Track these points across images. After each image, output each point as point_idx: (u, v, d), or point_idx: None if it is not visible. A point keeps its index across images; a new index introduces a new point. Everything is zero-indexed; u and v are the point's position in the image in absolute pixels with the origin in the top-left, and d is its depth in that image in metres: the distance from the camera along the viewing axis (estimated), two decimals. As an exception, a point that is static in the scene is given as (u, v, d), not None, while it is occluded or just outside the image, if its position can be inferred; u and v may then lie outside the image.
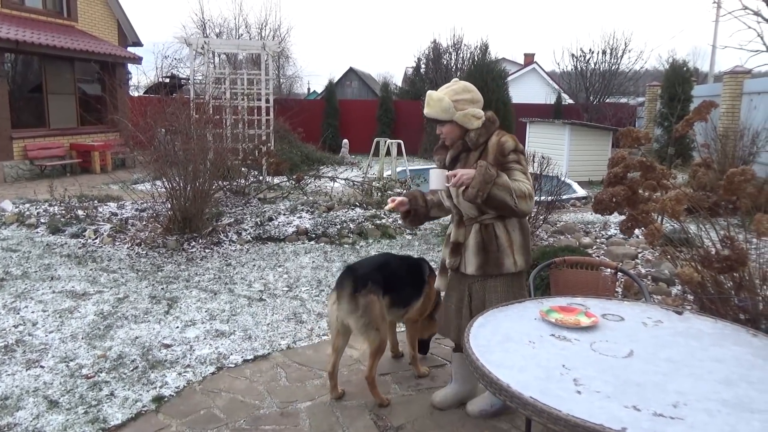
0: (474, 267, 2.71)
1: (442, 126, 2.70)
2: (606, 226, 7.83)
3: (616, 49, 17.17)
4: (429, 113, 2.69)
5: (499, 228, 2.70)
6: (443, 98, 2.63)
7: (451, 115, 2.63)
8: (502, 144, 2.64)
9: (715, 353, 1.87)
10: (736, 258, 3.43)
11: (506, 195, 2.47)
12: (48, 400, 3.09)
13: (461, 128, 2.68)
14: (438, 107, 2.64)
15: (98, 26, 15.20)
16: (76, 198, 8.47)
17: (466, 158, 2.70)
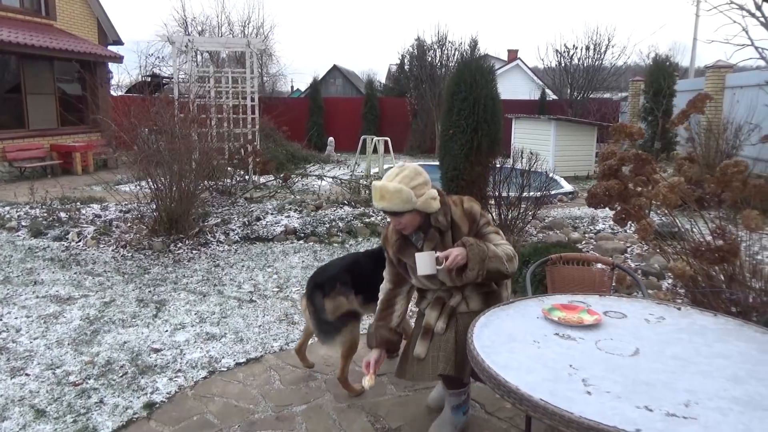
0: (479, 303, 2.53)
1: (400, 217, 2.44)
2: (594, 221, 7.86)
3: (600, 45, 17.28)
4: (387, 207, 2.39)
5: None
6: (402, 188, 2.36)
7: (413, 204, 2.40)
8: (470, 211, 2.54)
9: (720, 349, 1.85)
10: (728, 249, 3.44)
11: (500, 264, 2.40)
12: (35, 409, 2.99)
13: (422, 214, 2.48)
14: (398, 199, 2.36)
15: (77, 25, 14.93)
16: (58, 200, 8.31)
17: (441, 242, 2.51)
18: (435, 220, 2.50)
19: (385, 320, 2.70)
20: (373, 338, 2.67)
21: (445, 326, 2.51)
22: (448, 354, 2.41)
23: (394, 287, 2.74)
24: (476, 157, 6.86)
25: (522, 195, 6.90)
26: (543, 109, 19.08)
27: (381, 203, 2.41)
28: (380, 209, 2.47)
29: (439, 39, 18.47)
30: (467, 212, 2.53)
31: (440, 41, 18.34)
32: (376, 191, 2.43)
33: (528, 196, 7.00)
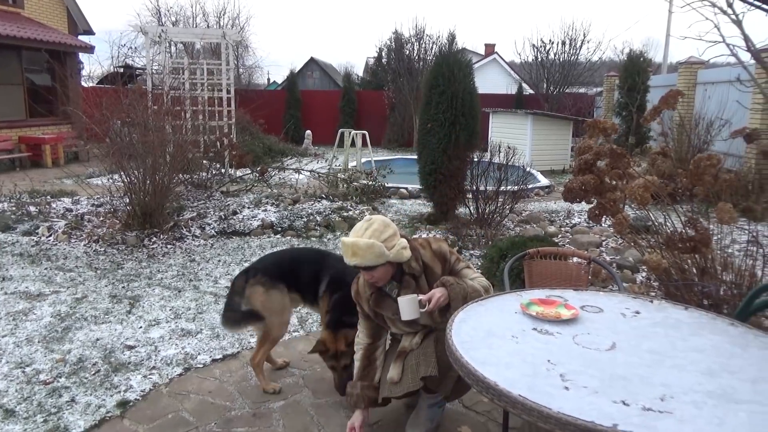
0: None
1: (373, 271, 2.40)
2: (570, 215, 7.95)
3: (575, 40, 17.45)
4: (360, 263, 2.35)
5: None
6: (373, 243, 2.33)
7: (386, 257, 2.37)
8: (439, 251, 2.54)
9: (695, 343, 1.88)
10: (699, 239, 3.50)
11: (478, 296, 2.37)
12: (3, 409, 2.91)
13: (394, 265, 2.46)
14: (370, 255, 2.33)
15: (46, 13, 14.53)
16: (27, 193, 8.10)
17: (417, 286, 2.48)
18: (408, 267, 2.47)
19: (369, 379, 2.64)
20: (361, 400, 2.59)
21: (420, 341, 2.52)
22: (428, 356, 2.41)
23: (373, 341, 2.68)
24: (454, 151, 6.88)
25: (499, 189, 6.95)
26: (520, 103, 19.22)
27: (354, 260, 2.36)
28: (353, 266, 2.41)
29: (416, 32, 18.46)
30: (437, 253, 2.53)
31: (418, 35, 18.33)
32: (347, 248, 2.38)
33: (505, 190, 7.05)
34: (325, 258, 3.17)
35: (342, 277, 2.92)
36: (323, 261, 3.12)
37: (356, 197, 8.17)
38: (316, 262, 3.11)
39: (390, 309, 2.49)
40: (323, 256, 3.23)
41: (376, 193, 8.63)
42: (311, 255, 3.32)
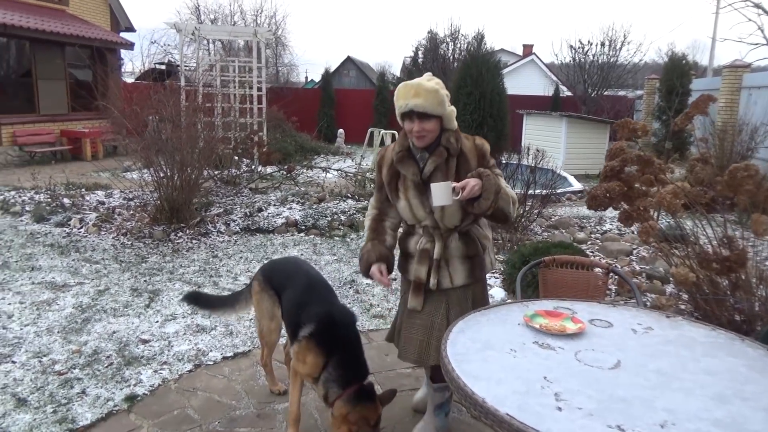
0: (463, 277, 2.44)
1: (427, 122, 2.28)
2: (601, 221, 7.72)
3: (615, 41, 17.01)
4: (419, 105, 2.24)
5: (476, 231, 2.51)
6: (438, 89, 2.26)
7: (444, 110, 2.30)
8: (481, 148, 2.42)
9: (708, 365, 1.76)
10: (735, 259, 3.33)
11: (507, 205, 2.32)
12: (16, 398, 2.97)
13: (440, 128, 2.35)
14: (434, 99, 2.25)
15: (90, 11, 14.96)
16: (63, 186, 8.33)
17: (446, 168, 2.37)
18: (446, 140, 2.36)
19: (380, 237, 2.52)
20: (373, 254, 2.46)
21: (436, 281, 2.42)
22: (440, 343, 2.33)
23: (380, 213, 2.57)
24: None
25: (527, 192, 6.79)
26: (556, 105, 18.86)
27: (414, 100, 2.24)
28: (408, 109, 2.27)
29: (452, 32, 18.30)
30: (478, 147, 2.42)
31: (453, 34, 18.17)
32: (409, 89, 2.27)
33: (534, 194, 6.89)
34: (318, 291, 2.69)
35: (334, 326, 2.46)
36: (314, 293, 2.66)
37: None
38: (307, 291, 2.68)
39: (410, 171, 2.39)
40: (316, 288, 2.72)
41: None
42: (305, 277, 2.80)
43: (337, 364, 2.38)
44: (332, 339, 2.41)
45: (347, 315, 2.52)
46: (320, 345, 2.40)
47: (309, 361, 2.41)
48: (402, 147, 2.42)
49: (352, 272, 5.24)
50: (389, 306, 4.45)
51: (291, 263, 2.96)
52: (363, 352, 2.46)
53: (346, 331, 2.45)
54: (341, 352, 2.39)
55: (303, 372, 2.46)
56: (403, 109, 2.30)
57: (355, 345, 2.44)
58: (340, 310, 2.55)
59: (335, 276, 5.12)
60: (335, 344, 2.40)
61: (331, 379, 2.37)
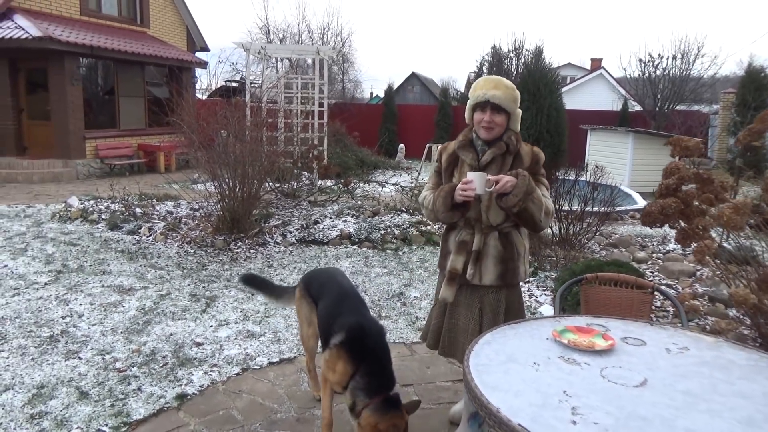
0: (493, 277, 2.57)
1: (498, 115, 2.51)
2: (665, 241, 7.42)
3: (688, 54, 16.32)
4: (496, 97, 2.47)
5: (515, 235, 2.64)
6: (515, 88, 2.54)
7: (515, 107, 2.57)
8: (537, 154, 2.61)
9: (743, 388, 1.69)
10: (794, 282, 3.15)
11: (537, 211, 2.46)
12: (79, 391, 3.20)
13: (507, 126, 2.58)
14: (511, 95, 2.53)
15: (168, 32, 15.90)
16: (136, 196, 8.86)
17: (502, 161, 2.57)
18: (507, 137, 2.56)
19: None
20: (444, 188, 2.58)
21: (473, 272, 2.57)
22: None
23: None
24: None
25: (585, 209, 6.63)
26: (624, 120, 18.26)
27: (493, 92, 2.48)
28: (486, 99, 2.49)
29: (515, 47, 18.15)
30: (534, 153, 2.61)
31: (517, 49, 18.01)
32: (489, 81, 2.53)
33: (593, 211, 6.72)
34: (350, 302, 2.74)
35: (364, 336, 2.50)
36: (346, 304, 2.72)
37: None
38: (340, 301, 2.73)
39: (469, 156, 2.60)
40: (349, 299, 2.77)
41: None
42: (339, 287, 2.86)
43: (365, 373, 2.42)
44: (361, 349, 2.45)
45: (376, 326, 2.57)
46: (349, 354, 2.45)
47: (338, 369, 2.47)
48: (465, 137, 2.66)
49: (401, 285, 5.29)
50: (435, 319, 4.46)
51: (328, 273, 3.05)
52: (390, 363, 2.49)
53: (375, 341, 2.49)
54: (369, 361, 2.43)
55: (332, 380, 2.52)
56: (480, 99, 2.52)
57: (384, 356, 2.48)
58: (370, 321, 2.61)
59: (384, 288, 5.19)
60: (364, 354, 2.45)
61: (358, 388, 2.41)
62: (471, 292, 2.62)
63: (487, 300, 2.59)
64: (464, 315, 2.63)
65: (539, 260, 6.05)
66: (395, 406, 2.35)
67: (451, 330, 2.69)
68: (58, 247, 6.30)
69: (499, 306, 2.57)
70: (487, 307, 2.58)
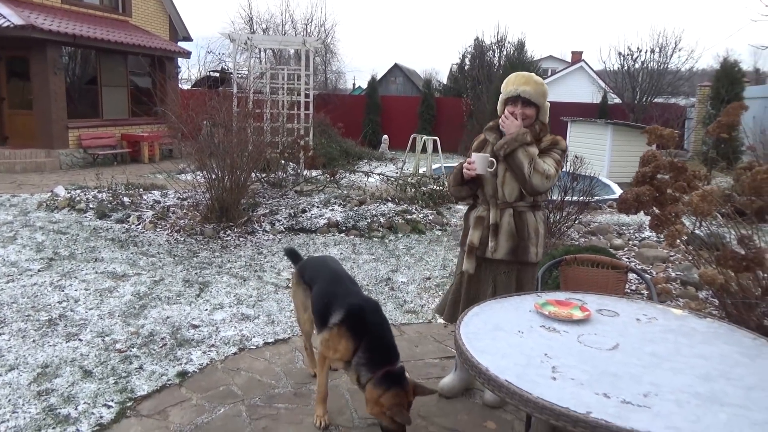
0: (505, 251, 2.81)
1: (528, 108, 2.77)
2: (641, 229, 7.70)
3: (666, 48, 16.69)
4: (527, 92, 2.73)
5: (530, 216, 2.85)
6: (544, 83, 2.78)
7: (544, 101, 2.79)
8: (557, 140, 2.84)
9: (702, 350, 1.90)
10: (752, 258, 3.39)
11: (525, 161, 2.69)
12: (83, 370, 3.33)
13: (535, 118, 2.81)
14: (540, 90, 2.76)
15: (151, 21, 15.80)
16: (123, 186, 8.90)
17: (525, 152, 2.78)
18: (533, 128, 2.78)
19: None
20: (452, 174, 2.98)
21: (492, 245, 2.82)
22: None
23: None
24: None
25: (565, 198, 6.87)
26: (604, 112, 18.62)
27: (524, 87, 2.73)
28: (517, 93, 2.74)
29: (498, 40, 18.35)
30: (553, 140, 2.82)
31: (499, 42, 18.22)
32: (520, 77, 2.77)
33: (573, 200, 6.96)
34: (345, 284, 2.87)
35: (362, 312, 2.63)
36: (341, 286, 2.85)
37: (423, 201, 8.33)
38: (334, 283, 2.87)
39: (493, 137, 2.87)
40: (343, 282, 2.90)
41: (444, 198, 8.75)
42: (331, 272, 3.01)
43: (366, 349, 2.55)
44: (361, 325, 2.59)
45: (373, 303, 2.72)
46: (350, 331, 2.59)
47: (340, 347, 2.60)
48: (495, 123, 2.91)
49: (389, 271, 5.47)
50: (422, 303, 4.66)
51: (321, 261, 3.19)
52: (391, 336, 2.63)
53: (374, 317, 2.63)
54: (370, 337, 2.57)
55: (334, 357, 2.66)
56: (511, 94, 2.78)
57: (383, 330, 2.62)
58: (366, 299, 2.77)
59: (372, 274, 5.36)
60: (364, 330, 2.58)
61: (361, 363, 2.55)
62: (486, 268, 2.88)
63: (500, 278, 2.85)
64: (482, 290, 2.89)
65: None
66: (397, 381, 2.46)
67: (470, 302, 2.84)
68: (47, 236, 6.35)
69: (510, 283, 2.82)
70: (500, 284, 2.84)
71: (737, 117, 3.92)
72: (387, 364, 2.51)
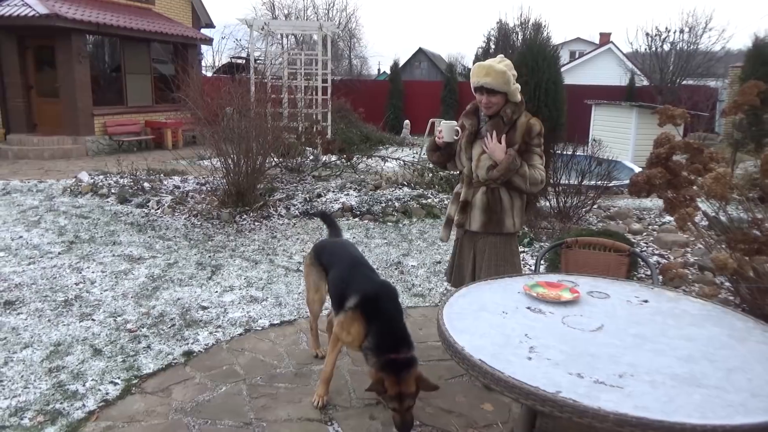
0: (478, 224, 2.97)
1: (493, 96, 2.84)
2: (663, 213, 7.53)
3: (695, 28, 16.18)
4: (489, 83, 2.80)
5: (503, 192, 2.96)
6: (506, 71, 2.80)
7: (509, 87, 2.83)
8: (531, 126, 2.89)
9: (690, 332, 1.87)
10: (765, 240, 3.30)
11: (522, 183, 2.87)
12: (93, 349, 3.43)
13: (506, 101, 2.88)
14: (501, 79, 2.79)
15: (173, 9, 15.94)
16: (144, 171, 9.06)
17: (498, 134, 2.89)
18: (503, 112, 2.89)
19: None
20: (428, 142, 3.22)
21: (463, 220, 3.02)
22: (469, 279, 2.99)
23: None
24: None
25: (582, 182, 6.76)
26: (631, 95, 18.18)
27: (485, 79, 2.80)
28: (480, 85, 2.83)
29: (521, 22, 18.03)
30: (528, 125, 2.89)
31: (522, 24, 17.90)
32: (481, 68, 2.81)
33: (592, 184, 6.84)
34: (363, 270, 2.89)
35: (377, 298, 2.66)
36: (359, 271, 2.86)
37: (440, 186, 8.30)
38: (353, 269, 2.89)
39: (469, 123, 3.00)
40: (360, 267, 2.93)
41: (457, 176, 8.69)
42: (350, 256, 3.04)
43: (375, 334, 2.57)
44: (373, 311, 2.61)
45: (388, 290, 2.74)
46: (362, 316, 2.61)
47: (352, 331, 2.64)
48: (473, 105, 3.04)
49: (400, 255, 5.48)
50: (430, 286, 4.66)
51: (341, 244, 3.23)
52: (401, 324, 2.64)
53: (386, 304, 2.65)
54: (379, 323, 2.59)
55: (347, 340, 2.69)
56: (475, 85, 2.89)
57: (393, 317, 2.62)
58: (383, 284, 2.80)
59: (383, 258, 5.38)
60: (375, 316, 2.60)
61: (368, 347, 2.57)
62: (468, 237, 3.08)
63: (478, 245, 3.03)
64: (466, 256, 3.10)
65: (535, 232, 6.21)
66: (402, 369, 2.45)
67: (459, 267, 3.17)
68: (70, 220, 6.53)
69: (486, 249, 2.99)
70: (478, 250, 3.03)
71: (753, 97, 3.80)
72: (393, 352, 2.51)
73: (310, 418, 2.78)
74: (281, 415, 2.79)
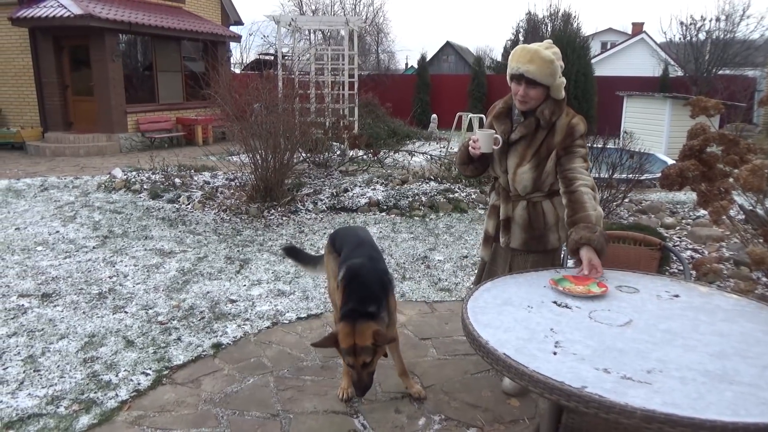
0: (519, 242, 2.66)
1: (533, 89, 2.41)
2: (696, 207, 7.34)
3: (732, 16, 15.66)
4: (531, 72, 2.36)
5: (546, 205, 2.63)
6: (554, 60, 2.36)
7: (553, 81, 2.40)
8: (574, 127, 2.47)
9: (722, 328, 1.82)
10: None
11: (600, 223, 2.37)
12: (126, 340, 3.52)
13: (546, 96, 2.45)
14: (547, 69, 2.36)
15: (203, 7, 16.16)
16: (175, 168, 9.23)
17: (531, 138, 2.51)
18: (541, 112, 2.46)
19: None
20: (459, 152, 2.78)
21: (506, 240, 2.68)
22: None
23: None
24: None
25: (612, 175, 6.63)
26: (665, 86, 17.74)
27: (527, 66, 2.35)
28: (520, 72, 2.39)
29: (551, 13, 17.74)
30: (570, 126, 2.47)
31: (552, 15, 17.61)
32: (525, 52, 2.37)
33: (624, 178, 6.71)
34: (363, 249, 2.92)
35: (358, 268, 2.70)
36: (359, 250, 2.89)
37: (467, 180, 8.24)
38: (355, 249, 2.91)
39: (501, 128, 2.59)
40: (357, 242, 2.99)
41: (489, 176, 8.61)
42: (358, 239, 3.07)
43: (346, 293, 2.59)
44: (353, 279, 2.63)
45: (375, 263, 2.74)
46: (344, 285, 2.64)
47: (339, 300, 2.67)
48: (505, 104, 2.63)
49: (426, 249, 5.47)
50: (456, 281, 4.64)
51: (352, 230, 3.26)
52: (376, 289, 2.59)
53: (367, 273, 2.64)
54: (354, 285, 2.60)
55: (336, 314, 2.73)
56: (514, 71, 2.42)
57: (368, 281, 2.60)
58: (371, 257, 2.78)
59: (409, 252, 5.37)
60: (353, 281, 2.62)
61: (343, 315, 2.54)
62: (505, 251, 2.74)
63: (516, 261, 2.69)
64: (500, 266, 2.76)
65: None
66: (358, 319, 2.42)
67: (490, 274, 2.79)
68: (104, 215, 6.69)
69: (527, 267, 2.64)
70: (515, 266, 2.68)
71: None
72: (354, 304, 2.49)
73: (336, 410, 2.80)
74: (307, 407, 2.81)
